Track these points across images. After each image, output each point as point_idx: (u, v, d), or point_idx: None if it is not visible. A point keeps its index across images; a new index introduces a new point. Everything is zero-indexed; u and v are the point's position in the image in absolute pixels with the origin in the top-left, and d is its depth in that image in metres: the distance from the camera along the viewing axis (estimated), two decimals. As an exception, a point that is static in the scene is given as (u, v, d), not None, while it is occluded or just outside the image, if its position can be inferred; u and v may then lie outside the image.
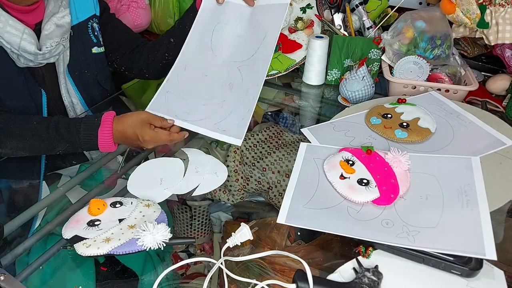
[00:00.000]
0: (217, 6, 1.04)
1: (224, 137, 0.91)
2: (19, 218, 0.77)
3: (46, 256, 0.75)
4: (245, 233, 0.68)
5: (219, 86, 0.99)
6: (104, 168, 0.98)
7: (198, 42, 1.05)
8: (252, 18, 1.03)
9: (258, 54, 0.99)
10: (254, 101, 0.94)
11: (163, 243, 0.65)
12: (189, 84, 1.01)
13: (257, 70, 0.98)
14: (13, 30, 0.87)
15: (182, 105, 0.98)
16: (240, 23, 1.03)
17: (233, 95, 0.97)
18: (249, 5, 1.01)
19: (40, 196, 0.95)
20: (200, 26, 1.05)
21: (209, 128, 0.93)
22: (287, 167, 0.94)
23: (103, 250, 0.64)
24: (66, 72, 1.00)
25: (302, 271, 0.61)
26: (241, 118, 0.93)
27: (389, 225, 0.66)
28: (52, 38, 0.93)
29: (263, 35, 1.00)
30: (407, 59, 1.06)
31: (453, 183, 0.72)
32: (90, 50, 1.04)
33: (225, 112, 0.95)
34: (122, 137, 0.87)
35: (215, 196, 0.95)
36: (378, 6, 1.27)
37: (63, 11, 0.95)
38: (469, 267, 0.59)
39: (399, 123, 0.89)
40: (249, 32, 1.02)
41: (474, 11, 1.04)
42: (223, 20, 1.04)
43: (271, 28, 1.00)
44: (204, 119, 0.95)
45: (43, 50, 0.92)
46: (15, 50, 0.89)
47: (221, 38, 1.04)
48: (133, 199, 0.75)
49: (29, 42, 0.89)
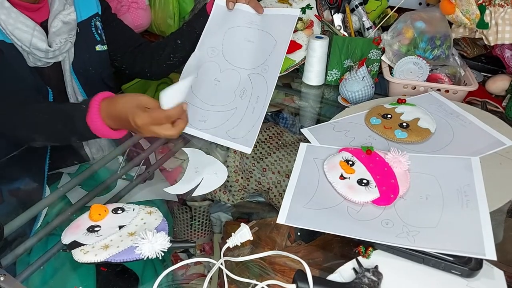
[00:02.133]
0: (227, 12, 1.06)
1: (235, 145, 0.93)
2: (19, 218, 0.77)
3: (47, 256, 0.75)
4: (245, 233, 0.68)
5: (231, 93, 1.01)
6: (104, 168, 0.98)
7: (209, 46, 1.06)
8: (262, 26, 1.04)
9: (268, 63, 1.01)
10: (264, 110, 0.95)
11: (161, 252, 0.64)
12: (202, 90, 1.03)
13: (267, 79, 0.99)
14: (24, 26, 0.87)
15: (197, 113, 1.00)
16: (250, 30, 1.04)
17: (244, 103, 0.99)
18: (258, 12, 1.03)
19: (44, 196, 0.95)
20: (211, 31, 1.07)
21: (221, 136, 0.95)
22: (287, 167, 0.95)
23: (101, 257, 0.63)
24: (71, 70, 1.00)
25: (302, 272, 0.61)
26: (252, 125, 0.95)
27: (389, 225, 0.66)
28: (60, 35, 0.94)
29: (273, 45, 1.02)
30: (407, 59, 1.06)
31: (453, 183, 0.72)
32: (94, 48, 1.05)
33: (236, 119, 0.97)
34: (118, 120, 0.75)
35: (215, 197, 0.95)
36: (378, 6, 1.27)
37: (69, 9, 0.96)
38: (469, 267, 0.59)
39: (399, 124, 0.89)
40: (259, 40, 1.04)
41: (474, 12, 1.04)
42: (233, 26, 1.06)
43: (281, 38, 1.01)
44: (217, 126, 0.97)
45: (54, 47, 0.93)
46: (26, 47, 0.89)
47: (232, 44, 1.05)
48: (135, 205, 0.74)
49: (39, 39, 0.89)
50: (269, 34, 1.03)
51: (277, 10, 1.05)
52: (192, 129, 0.97)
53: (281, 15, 1.03)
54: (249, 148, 0.92)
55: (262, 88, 0.99)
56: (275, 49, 1.01)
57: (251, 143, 0.92)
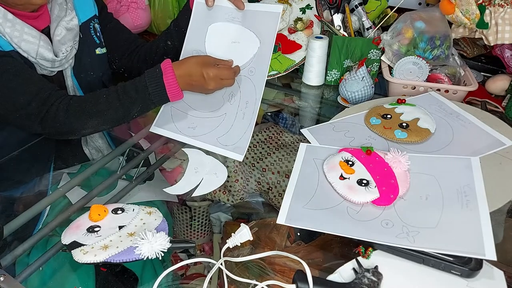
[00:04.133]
0: (208, 9, 1.02)
1: (226, 152, 0.92)
2: (19, 218, 0.77)
3: (46, 257, 0.75)
4: (245, 233, 0.68)
5: (220, 98, 0.98)
6: (104, 168, 0.98)
7: (194, 49, 1.03)
8: (243, 23, 1.00)
9: (254, 66, 0.97)
10: (255, 116, 0.93)
11: (161, 253, 0.64)
12: (190, 96, 1.00)
13: (255, 83, 0.96)
14: (30, 37, 0.87)
15: (186, 120, 0.99)
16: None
17: (233, 108, 0.96)
18: (239, 8, 0.98)
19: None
20: (193, 31, 1.03)
21: (212, 143, 0.94)
22: (287, 167, 0.95)
23: (100, 257, 0.63)
24: (72, 75, 1.00)
25: (302, 272, 0.61)
26: (243, 132, 0.93)
27: (388, 225, 0.66)
28: (66, 43, 0.93)
29: (257, 45, 0.98)
30: (407, 59, 1.06)
31: (452, 183, 0.72)
32: (94, 51, 1.04)
33: (227, 126, 0.95)
34: (187, 78, 0.87)
35: (215, 197, 0.95)
36: (377, 6, 1.27)
37: (70, 14, 0.95)
38: (469, 267, 0.59)
39: (399, 124, 0.89)
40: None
41: (474, 12, 1.04)
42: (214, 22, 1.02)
43: (265, 38, 0.97)
44: (207, 133, 0.96)
45: (60, 56, 0.92)
46: (32, 58, 0.88)
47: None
48: (135, 206, 0.74)
49: (46, 48, 0.89)
50: (253, 33, 0.99)
51: (259, 5, 1.00)
52: (181, 135, 0.96)
53: (263, 11, 0.98)
54: (241, 156, 0.90)
55: (251, 93, 0.96)
56: (260, 50, 0.97)
57: (243, 150, 0.90)
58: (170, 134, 0.98)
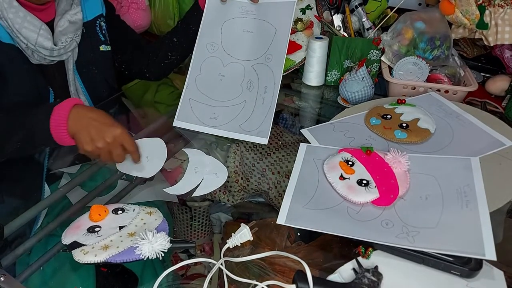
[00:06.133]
0: (221, 5, 1.05)
1: (251, 138, 0.95)
2: (19, 218, 0.77)
3: (47, 257, 0.75)
4: (245, 233, 0.68)
5: (238, 86, 1.01)
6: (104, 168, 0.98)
7: (209, 42, 1.06)
8: (258, 15, 1.03)
9: (271, 52, 1.01)
10: (274, 99, 0.97)
11: (161, 253, 0.64)
12: (208, 87, 1.03)
13: (272, 68, 1.00)
14: (31, 26, 0.88)
15: (207, 111, 1.00)
16: (247, 20, 1.04)
17: (253, 94, 1.00)
18: (253, 2, 1.02)
19: (42, 197, 0.95)
20: (207, 26, 1.06)
21: (235, 131, 0.96)
22: (287, 167, 0.95)
23: (101, 257, 0.63)
24: (74, 69, 1.01)
25: (302, 272, 0.61)
26: (264, 116, 0.96)
27: (388, 225, 0.66)
28: (66, 34, 0.94)
29: (273, 33, 1.01)
30: (407, 60, 1.06)
31: (452, 183, 0.72)
32: (98, 47, 1.06)
33: (247, 112, 0.98)
34: (85, 118, 0.77)
35: (215, 197, 0.95)
36: (377, 7, 1.27)
37: (76, 8, 0.96)
38: (469, 267, 0.59)
39: (399, 124, 0.89)
40: (258, 30, 1.03)
41: (474, 12, 1.05)
42: (230, 18, 1.05)
43: (281, 25, 1.01)
44: (229, 121, 0.98)
45: (59, 45, 0.93)
46: (31, 45, 0.89)
47: (231, 37, 1.05)
48: (136, 206, 0.74)
49: (45, 38, 0.90)
50: (268, 23, 1.02)
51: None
52: (204, 127, 0.98)
53: (277, 2, 1.02)
54: (265, 139, 0.94)
55: (269, 78, 0.99)
56: (276, 37, 1.01)
57: (267, 133, 0.94)
58: (193, 127, 1.00)
